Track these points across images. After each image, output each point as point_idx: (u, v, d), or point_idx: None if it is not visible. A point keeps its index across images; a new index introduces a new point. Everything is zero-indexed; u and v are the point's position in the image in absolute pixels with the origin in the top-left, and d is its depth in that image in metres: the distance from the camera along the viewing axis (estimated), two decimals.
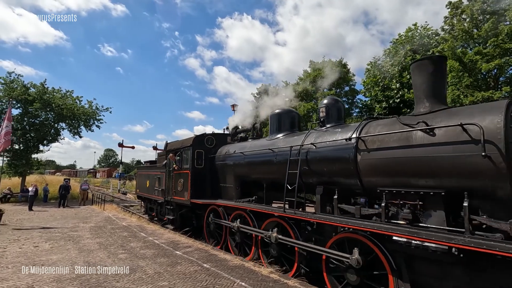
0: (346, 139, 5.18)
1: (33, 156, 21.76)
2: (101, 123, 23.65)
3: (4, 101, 19.33)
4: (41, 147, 21.73)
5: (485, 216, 3.61)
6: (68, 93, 22.17)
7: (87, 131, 23.45)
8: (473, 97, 13.43)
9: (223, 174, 9.14)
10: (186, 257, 6.75)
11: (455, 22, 16.22)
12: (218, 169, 9.40)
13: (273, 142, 7.30)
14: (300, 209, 6.14)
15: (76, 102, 22.20)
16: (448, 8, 16.66)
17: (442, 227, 3.78)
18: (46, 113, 21.00)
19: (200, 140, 9.90)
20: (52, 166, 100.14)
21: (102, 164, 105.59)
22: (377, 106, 19.22)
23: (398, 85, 17.87)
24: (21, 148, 20.53)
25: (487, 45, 14.30)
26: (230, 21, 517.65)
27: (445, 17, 17.07)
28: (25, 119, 20.32)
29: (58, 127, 22.20)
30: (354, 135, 5.10)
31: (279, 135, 7.44)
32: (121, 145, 31.70)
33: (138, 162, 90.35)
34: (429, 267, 3.92)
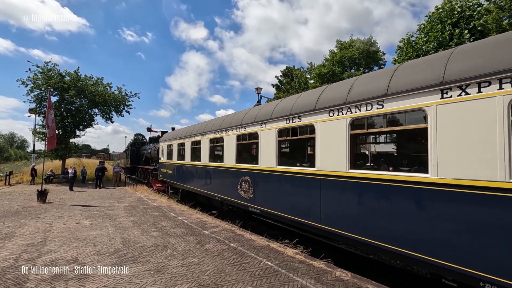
0: (157, 147, 19.25)
1: (70, 140, 23.33)
2: (130, 108, 24.68)
3: (43, 89, 20.65)
4: (77, 132, 23.22)
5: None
6: (99, 80, 23.18)
7: (118, 116, 24.62)
8: None
9: (142, 156, 23.57)
10: (214, 236, 7.02)
11: None
12: (141, 155, 24.10)
13: (153, 145, 21.22)
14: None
15: (107, 88, 23.19)
16: None
17: (152, 166, 20.25)
18: (81, 100, 22.19)
19: (134, 144, 27.50)
20: (87, 150, 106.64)
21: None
22: None
23: None
24: (60, 133, 21.98)
25: None
26: (246, 1, 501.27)
27: None
28: (62, 106, 21.64)
29: (92, 113, 23.47)
30: (158, 146, 19.18)
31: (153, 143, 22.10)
32: (149, 129, 33.03)
33: None
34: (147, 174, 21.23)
